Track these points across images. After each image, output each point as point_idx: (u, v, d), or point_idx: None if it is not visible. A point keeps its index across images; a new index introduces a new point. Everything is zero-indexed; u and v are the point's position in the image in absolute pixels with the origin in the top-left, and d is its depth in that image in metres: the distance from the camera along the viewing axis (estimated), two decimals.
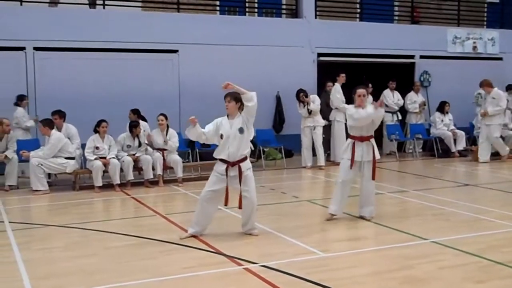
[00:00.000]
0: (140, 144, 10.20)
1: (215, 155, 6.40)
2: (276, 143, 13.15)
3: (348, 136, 7.34)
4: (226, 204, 6.40)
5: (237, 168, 6.27)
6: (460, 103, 14.78)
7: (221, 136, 6.29)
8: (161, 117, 10.35)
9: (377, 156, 7.13)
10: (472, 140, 14.55)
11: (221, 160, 6.32)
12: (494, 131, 12.65)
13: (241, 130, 6.25)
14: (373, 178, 7.12)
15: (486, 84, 12.90)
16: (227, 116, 6.37)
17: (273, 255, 5.65)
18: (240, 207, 6.38)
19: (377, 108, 6.90)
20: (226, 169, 6.26)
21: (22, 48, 11.85)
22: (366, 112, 6.94)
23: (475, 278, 4.96)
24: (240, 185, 6.30)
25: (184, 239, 6.32)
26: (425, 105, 15.11)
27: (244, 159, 6.33)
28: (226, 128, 6.28)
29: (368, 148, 7.06)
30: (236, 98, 6.31)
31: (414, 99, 14.83)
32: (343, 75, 12.36)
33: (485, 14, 18.31)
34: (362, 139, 7.05)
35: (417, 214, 7.64)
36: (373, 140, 7.14)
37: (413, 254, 5.69)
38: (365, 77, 14.54)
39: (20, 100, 11.24)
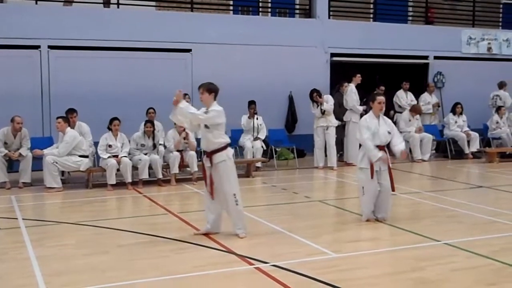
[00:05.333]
0: (154, 146, 10.19)
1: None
2: (288, 143, 13.14)
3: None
4: (211, 194, 6.35)
5: (209, 159, 6.31)
6: (474, 104, 14.66)
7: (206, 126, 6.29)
8: None
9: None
10: (486, 142, 14.42)
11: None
12: None
13: (206, 126, 6.25)
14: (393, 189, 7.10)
15: None
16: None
17: (284, 255, 5.65)
18: (212, 197, 6.34)
19: None
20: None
21: (37, 47, 11.93)
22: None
23: (487, 281, 4.92)
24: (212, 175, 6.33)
25: (197, 235, 6.39)
26: (439, 106, 15.03)
27: (217, 150, 6.28)
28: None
29: None
30: (209, 89, 6.27)
31: (428, 100, 14.75)
32: (359, 75, 12.35)
33: (501, 15, 18.14)
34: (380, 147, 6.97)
35: (430, 216, 7.59)
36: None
37: (425, 255, 5.66)
38: (378, 77, 14.51)
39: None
